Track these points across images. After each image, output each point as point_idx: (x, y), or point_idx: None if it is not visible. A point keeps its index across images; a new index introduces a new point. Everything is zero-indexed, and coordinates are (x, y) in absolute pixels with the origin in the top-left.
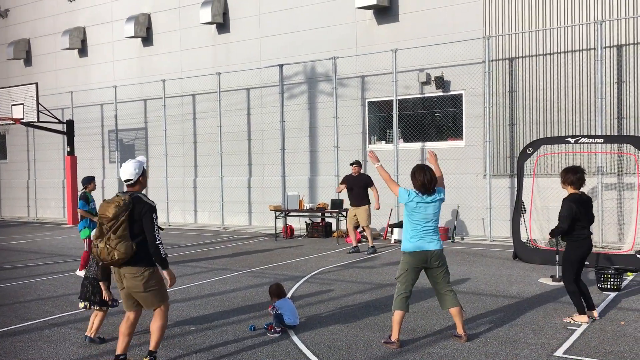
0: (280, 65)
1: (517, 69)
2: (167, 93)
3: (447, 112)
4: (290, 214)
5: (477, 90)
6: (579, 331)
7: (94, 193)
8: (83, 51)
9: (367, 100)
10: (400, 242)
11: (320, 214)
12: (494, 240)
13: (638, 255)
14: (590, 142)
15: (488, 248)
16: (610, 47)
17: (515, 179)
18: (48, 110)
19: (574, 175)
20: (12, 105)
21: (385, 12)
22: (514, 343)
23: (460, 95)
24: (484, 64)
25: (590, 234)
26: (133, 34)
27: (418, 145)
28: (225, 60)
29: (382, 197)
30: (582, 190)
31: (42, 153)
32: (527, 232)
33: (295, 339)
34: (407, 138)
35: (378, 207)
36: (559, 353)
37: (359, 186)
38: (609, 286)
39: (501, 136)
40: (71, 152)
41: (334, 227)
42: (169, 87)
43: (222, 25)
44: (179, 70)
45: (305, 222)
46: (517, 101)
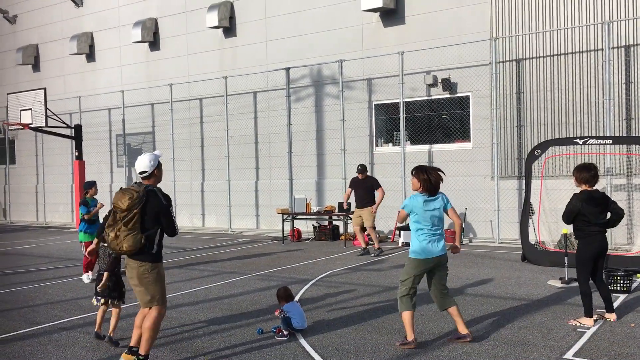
0: (287, 69)
1: (525, 71)
2: (174, 97)
3: (454, 114)
4: (298, 217)
5: (484, 92)
6: (588, 333)
7: (98, 197)
8: (91, 56)
9: (374, 103)
10: (407, 244)
11: (327, 217)
12: (502, 243)
13: None
14: (599, 143)
15: (496, 250)
16: (617, 47)
17: (523, 181)
18: (56, 115)
19: (588, 173)
20: (21, 110)
21: (392, 15)
22: (522, 346)
23: (468, 97)
24: (491, 66)
25: (603, 232)
26: (140, 39)
27: (425, 147)
28: (232, 64)
29: (387, 200)
30: (595, 188)
31: (51, 158)
32: (535, 234)
33: (303, 342)
34: (414, 140)
35: (374, 211)
36: (569, 356)
37: (364, 187)
38: (618, 288)
39: (509, 138)
40: (79, 157)
41: (341, 230)
42: (176, 91)
43: (229, 29)
44: (186, 75)
45: (313, 225)
46: (524, 102)
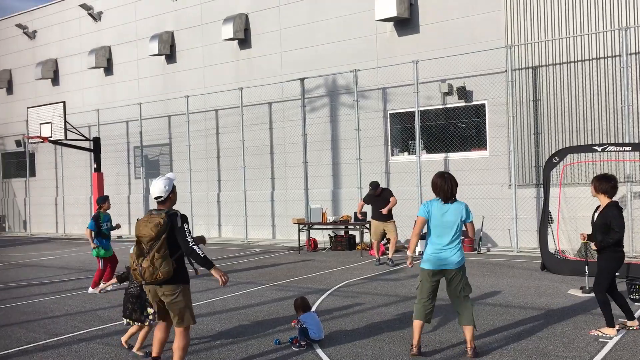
0: (302, 79)
1: (541, 78)
2: (190, 109)
3: (470, 122)
4: (314, 226)
5: (500, 99)
6: (610, 344)
7: (112, 209)
8: (109, 69)
9: (389, 112)
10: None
11: (343, 227)
12: (520, 251)
13: None
14: (618, 150)
15: (515, 259)
16: (636, 53)
17: (542, 189)
18: (75, 128)
19: (608, 184)
20: (41, 124)
21: (406, 24)
22: (543, 356)
23: (483, 105)
24: (506, 73)
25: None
26: (157, 52)
27: (441, 156)
28: (247, 75)
29: (404, 209)
30: (616, 200)
31: (70, 170)
32: (555, 243)
33: (320, 352)
34: (430, 149)
35: (385, 211)
36: None
37: (383, 201)
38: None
39: (526, 145)
40: (98, 169)
41: (357, 240)
42: (192, 103)
43: (244, 40)
44: (202, 86)
45: (329, 234)
46: (541, 110)
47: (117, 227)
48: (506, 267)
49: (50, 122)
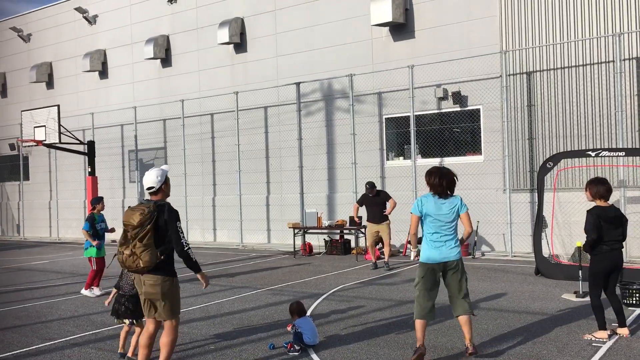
0: (297, 84)
1: (535, 83)
2: (185, 113)
3: (465, 127)
4: (309, 231)
5: (495, 104)
6: (604, 348)
7: (105, 213)
8: (104, 73)
9: (384, 117)
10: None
11: (338, 231)
12: (515, 256)
13: None
14: (612, 155)
15: (509, 264)
16: (629, 59)
17: (536, 194)
18: (69, 132)
19: (603, 187)
20: (35, 127)
21: (401, 29)
22: None
23: (478, 110)
24: (501, 79)
25: (618, 248)
26: (152, 56)
27: (436, 160)
28: (242, 79)
29: (399, 214)
30: (611, 203)
31: (64, 174)
32: (549, 248)
33: (315, 357)
34: (425, 154)
35: (389, 212)
36: None
37: (378, 204)
38: (634, 301)
39: (520, 150)
40: (92, 173)
41: (352, 244)
42: (187, 107)
43: (240, 45)
44: (197, 90)
45: (324, 239)
46: (535, 115)
47: (112, 231)
48: (500, 272)
49: (44, 126)
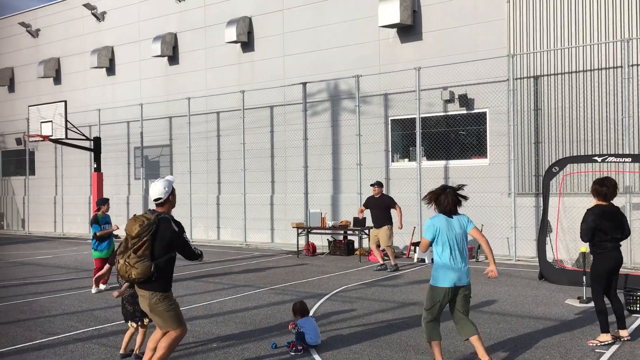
0: (304, 83)
1: (543, 87)
2: (192, 111)
3: (471, 130)
4: (313, 231)
5: (502, 108)
6: (607, 354)
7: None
8: (111, 70)
9: (390, 118)
10: (422, 260)
11: (342, 232)
12: (519, 260)
13: None
14: (618, 161)
15: (513, 268)
16: (637, 65)
17: (541, 198)
18: (76, 128)
19: (605, 188)
20: (42, 122)
21: (409, 31)
22: None
23: (484, 113)
24: (508, 82)
25: (618, 247)
26: (160, 53)
27: (441, 163)
28: (249, 78)
29: (405, 216)
30: (611, 203)
31: (70, 169)
32: (553, 252)
33: (317, 357)
34: (430, 156)
35: (400, 227)
36: None
37: (381, 208)
38: (638, 308)
39: (526, 154)
40: (98, 169)
41: (356, 245)
42: (194, 104)
43: (247, 44)
44: (204, 89)
45: (328, 239)
46: (542, 119)
47: (116, 228)
48: (504, 276)
49: (51, 121)
